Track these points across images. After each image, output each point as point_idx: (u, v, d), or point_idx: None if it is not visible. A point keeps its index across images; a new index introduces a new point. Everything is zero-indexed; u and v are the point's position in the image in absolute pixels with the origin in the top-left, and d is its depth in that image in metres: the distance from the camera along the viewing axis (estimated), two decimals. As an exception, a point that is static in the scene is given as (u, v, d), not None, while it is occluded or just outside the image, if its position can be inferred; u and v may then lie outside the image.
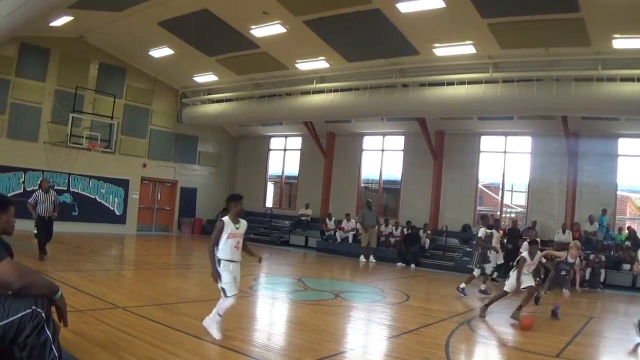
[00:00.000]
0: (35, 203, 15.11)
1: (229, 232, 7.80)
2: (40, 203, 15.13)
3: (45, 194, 15.32)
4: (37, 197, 15.19)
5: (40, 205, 15.14)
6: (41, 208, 15.13)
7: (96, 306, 9.06)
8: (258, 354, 7.15)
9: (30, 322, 3.89)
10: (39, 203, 15.12)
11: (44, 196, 15.23)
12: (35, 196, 15.26)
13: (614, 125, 20.85)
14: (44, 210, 15.19)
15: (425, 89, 20.61)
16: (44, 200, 15.18)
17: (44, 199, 15.20)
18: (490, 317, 11.36)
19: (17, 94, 22.98)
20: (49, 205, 15.31)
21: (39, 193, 15.31)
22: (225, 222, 7.84)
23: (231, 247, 7.84)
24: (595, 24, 15.61)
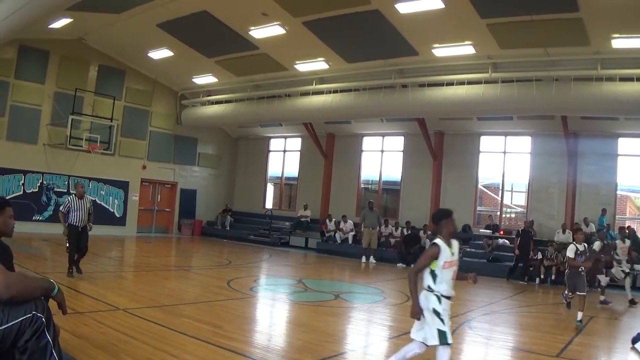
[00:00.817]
0: (68, 211, 13.00)
1: (445, 261, 5.96)
2: (73, 211, 12.98)
3: (80, 200, 13.11)
4: (70, 203, 13.04)
5: (73, 214, 12.96)
6: (74, 217, 12.95)
7: (96, 308, 9.07)
8: (258, 355, 7.15)
9: (30, 326, 3.88)
10: (72, 211, 12.97)
11: (77, 203, 13.04)
12: (67, 203, 13.14)
13: (614, 125, 20.85)
14: (78, 219, 12.96)
15: (424, 89, 20.60)
16: (77, 208, 13.02)
17: (77, 206, 13.02)
18: (490, 317, 11.36)
19: (17, 96, 22.97)
20: (83, 214, 13.08)
21: (72, 199, 13.12)
22: (440, 246, 5.91)
23: (448, 280, 6.08)
24: (594, 24, 15.62)
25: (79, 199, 13.13)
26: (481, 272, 19.32)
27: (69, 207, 12.99)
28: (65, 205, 13.08)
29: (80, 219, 13.01)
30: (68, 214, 12.98)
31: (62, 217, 13.06)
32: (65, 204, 13.16)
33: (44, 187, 24.06)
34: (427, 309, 6.00)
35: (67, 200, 13.26)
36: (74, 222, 12.94)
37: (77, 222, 12.97)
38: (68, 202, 13.09)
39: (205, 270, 17.61)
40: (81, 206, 13.08)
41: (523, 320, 11.94)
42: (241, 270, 17.90)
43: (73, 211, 12.98)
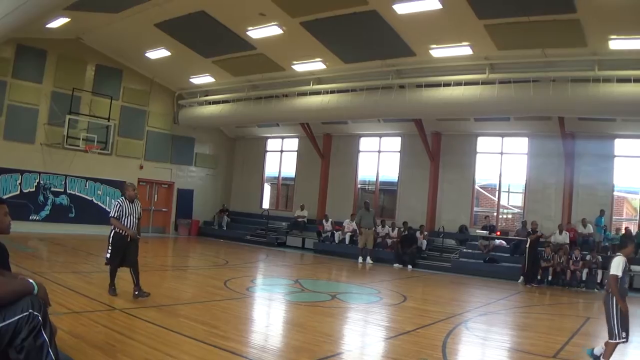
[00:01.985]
0: (120, 217, 11.03)
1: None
2: (124, 217, 11.03)
3: (131, 203, 11.24)
4: (122, 208, 11.05)
5: (125, 220, 11.04)
6: (125, 223, 11.05)
7: (93, 308, 9.06)
8: (255, 355, 7.15)
9: (27, 325, 3.88)
10: (124, 217, 11.02)
11: (128, 207, 11.14)
12: (118, 206, 11.07)
13: (611, 126, 20.88)
14: (129, 226, 11.11)
15: (421, 90, 20.59)
16: (129, 213, 11.11)
17: (129, 210, 11.13)
18: (487, 318, 11.38)
19: (14, 96, 22.94)
20: (134, 221, 11.28)
21: (123, 202, 11.15)
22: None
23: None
24: (591, 25, 15.65)
25: (130, 202, 11.24)
26: (478, 272, 19.43)
27: (121, 212, 10.98)
28: (117, 209, 11.01)
29: (130, 225, 11.11)
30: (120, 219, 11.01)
31: (118, 222, 10.97)
32: (115, 208, 11.06)
33: (41, 186, 24.01)
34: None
35: (117, 204, 11.13)
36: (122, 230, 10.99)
37: (127, 228, 11.03)
38: (119, 206, 11.04)
39: (202, 270, 17.61)
40: (132, 211, 11.20)
41: (519, 320, 11.96)
42: (238, 270, 17.89)
43: (125, 217, 11.01)
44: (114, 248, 10.90)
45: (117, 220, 10.96)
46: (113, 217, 11.05)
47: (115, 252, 10.87)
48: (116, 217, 10.97)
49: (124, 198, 11.26)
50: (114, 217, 11.01)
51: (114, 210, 11.09)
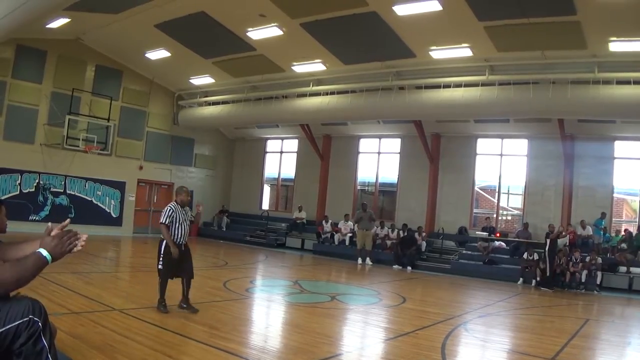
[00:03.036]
0: (171, 223, 9.89)
1: None
2: (176, 223, 9.90)
3: (182, 209, 10.13)
4: (173, 213, 9.91)
5: (175, 227, 9.90)
6: (176, 231, 9.90)
7: (92, 308, 9.06)
8: (254, 356, 7.14)
9: (26, 330, 3.86)
10: (176, 224, 9.91)
11: (181, 213, 10.02)
12: (170, 212, 9.90)
13: (610, 128, 20.89)
14: (181, 234, 9.95)
15: (421, 91, 20.59)
16: (182, 219, 9.98)
17: (181, 216, 9.99)
18: (486, 319, 11.38)
19: (14, 96, 22.91)
20: (187, 228, 10.16)
21: (175, 207, 10.02)
22: None
23: None
24: (591, 27, 15.65)
25: (182, 207, 10.15)
26: (477, 274, 19.44)
27: (172, 218, 9.86)
28: (168, 216, 9.84)
29: (182, 233, 10.00)
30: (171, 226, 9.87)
31: (167, 232, 9.78)
32: (167, 214, 9.86)
33: (41, 187, 23.98)
34: None
35: (169, 209, 9.94)
36: (176, 238, 9.86)
37: (180, 238, 9.94)
38: (171, 212, 9.90)
39: (201, 271, 17.54)
40: (185, 217, 10.09)
41: (519, 322, 11.96)
42: (237, 271, 17.89)
43: (176, 223, 9.89)
44: (166, 258, 9.71)
45: (167, 229, 9.77)
46: (164, 224, 9.80)
47: (167, 262, 9.69)
48: (167, 225, 9.78)
49: (176, 203, 10.11)
50: (165, 224, 9.78)
51: (165, 216, 9.83)
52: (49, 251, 3.95)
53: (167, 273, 9.73)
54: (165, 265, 9.68)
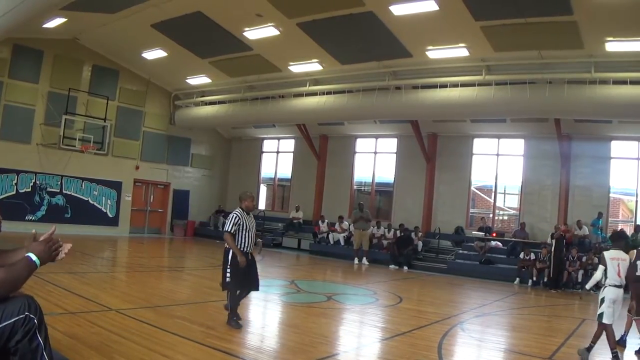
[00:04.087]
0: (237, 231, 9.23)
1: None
2: (243, 230, 9.26)
3: (248, 216, 9.49)
4: (240, 220, 9.25)
5: (242, 235, 9.24)
6: (242, 239, 9.25)
7: (89, 308, 9.05)
8: (251, 356, 7.15)
9: (22, 327, 3.86)
10: (242, 231, 9.25)
11: (247, 220, 9.36)
12: (236, 219, 9.23)
13: (607, 127, 20.91)
14: (247, 242, 9.30)
15: (418, 91, 20.60)
16: (248, 227, 9.34)
17: (248, 224, 9.34)
18: (483, 319, 11.38)
19: (10, 96, 22.87)
20: (252, 236, 9.47)
21: (241, 214, 9.33)
22: None
23: None
24: (588, 27, 15.66)
25: (247, 214, 9.52)
26: (473, 274, 19.44)
27: (239, 225, 9.22)
28: (234, 223, 9.19)
29: (249, 242, 9.35)
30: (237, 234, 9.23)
31: (233, 240, 9.15)
32: (233, 221, 9.21)
33: (37, 187, 23.96)
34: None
35: (235, 216, 9.26)
36: (242, 247, 9.21)
37: (246, 246, 9.29)
38: (237, 219, 9.23)
39: (197, 271, 17.59)
40: (251, 224, 9.44)
41: (515, 322, 11.97)
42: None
43: (243, 231, 9.25)
44: (234, 268, 9.02)
45: (233, 237, 9.14)
46: (229, 233, 9.16)
47: (235, 274, 9.02)
48: (233, 233, 9.15)
49: (242, 209, 9.43)
50: (230, 232, 9.15)
51: (230, 224, 9.18)
52: (37, 255, 3.99)
53: (236, 285, 9.09)
54: (233, 276, 9.00)
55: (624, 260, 8.42)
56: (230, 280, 8.98)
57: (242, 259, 8.93)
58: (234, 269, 8.96)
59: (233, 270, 8.97)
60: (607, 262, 8.40)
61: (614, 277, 8.32)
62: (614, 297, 8.26)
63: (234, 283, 9.00)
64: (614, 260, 8.39)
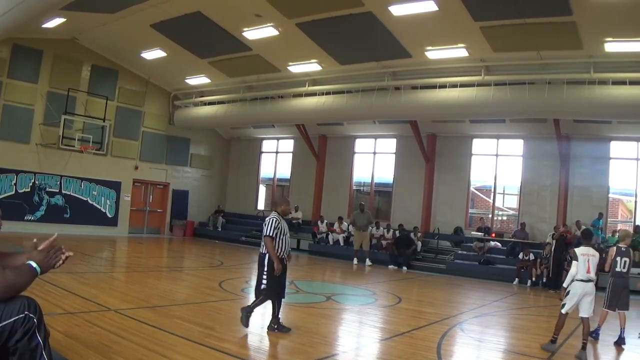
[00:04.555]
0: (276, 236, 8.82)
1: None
2: (281, 235, 8.87)
3: (283, 220, 9.16)
4: (280, 224, 8.93)
5: (281, 240, 8.92)
6: (282, 244, 8.91)
7: (88, 308, 9.04)
8: (250, 356, 7.18)
9: (21, 327, 3.87)
10: (280, 235, 8.89)
11: (284, 224, 9.09)
12: (276, 223, 8.87)
13: (606, 128, 20.93)
14: (284, 247, 8.95)
15: (417, 91, 20.61)
16: (285, 232, 9.03)
17: (285, 229, 9.08)
18: (482, 319, 11.38)
19: (9, 96, 22.88)
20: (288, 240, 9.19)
21: (279, 218, 9.03)
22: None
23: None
24: (587, 27, 15.67)
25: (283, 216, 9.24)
26: (473, 274, 19.44)
27: (278, 231, 8.87)
28: (275, 227, 8.81)
29: (286, 247, 9.03)
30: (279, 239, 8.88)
31: (272, 246, 8.74)
32: (272, 225, 8.83)
33: (36, 187, 23.97)
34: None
35: (274, 220, 8.88)
36: (280, 252, 8.86)
37: (283, 251, 8.95)
38: (277, 223, 8.89)
39: (196, 271, 17.59)
40: (287, 229, 9.17)
41: (514, 322, 11.97)
42: (233, 271, 17.90)
43: (281, 235, 8.91)
44: (271, 275, 8.71)
45: (272, 242, 8.74)
46: (269, 237, 8.75)
47: (273, 280, 8.74)
48: (272, 237, 8.76)
49: (277, 213, 9.11)
50: (271, 236, 8.75)
51: (270, 228, 8.79)
52: (37, 263, 4.08)
53: (272, 293, 8.79)
54: (269, 283, 8.71)
55: (593, 256, 8.89)
56: (266, 287, 8.71)
57: (279, 265, 8.62)
58: (272, 275, 8.68)
59: (270, 277, 8.69)
60: (578, 258, 8.85)
61: (582, 272, 8.78)
62: (581, 291, 8.73)
63: (270, 291, 8.74)
64: (584, 257, 8.87)
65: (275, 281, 8.67)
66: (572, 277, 8.91)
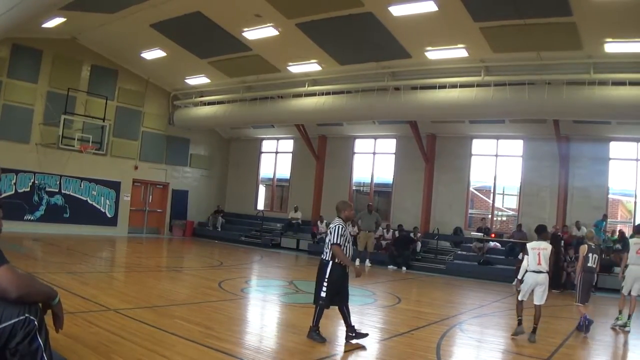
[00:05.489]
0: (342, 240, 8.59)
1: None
2: (345, 242, 8.65)
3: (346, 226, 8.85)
4: (345, 232, 8.68)
5: (345, 247, 8.65)
6: (346, 250, 8.72)
7: (87, 308, 9.03)
8: (249, 356, 7.15)
9: (22, 329, 3.86)
10: (344, 242, 8.62)
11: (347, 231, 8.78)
12: (342, 230, 8.62)
13: (606, 129, 20.93)
14: (348, 254, 8.81)
15: (417, 92, 20.62)
16: (349, 238, 8.78)
17: (349, 235, 8.81)
18: (481, 320, 11.38)
19: (9, 96, 22.88)
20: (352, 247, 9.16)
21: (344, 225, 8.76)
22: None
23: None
24: (587, 28, 15.68)
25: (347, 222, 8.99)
26: (472, 275, 19.44)
27: (345, 238, 8.61)
28: (341, 235, 8.54)
29: (349, 254, 8.87)
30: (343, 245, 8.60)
31: (343, 253, 8.57)
32: (339, 233, 8.55)
33: (36, 186, 23.97)
34: None
35: (340, 228, 8.62)
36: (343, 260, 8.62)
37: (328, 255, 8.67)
38: (343, 230, 8.63)
39: (196, 271, 17.58)
40: (350, 235, 8.90)
41: (514, 323, 11.94)
42: (232, 271, 17.89)
43: (345, 242, 8.64)
44: (331, 284, 8.55)
45: (341, 249, 8.51)
46: (336, 245, 8.50)
47: (332, 289, 8.55)
48: (339, 245, 8.51)
49: (342, 219, 8.82)
50: (338, 244, 8.50)
51: (337, 235, 8.52)
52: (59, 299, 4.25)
53: (330, 300, 8.59)
54: (329, 292, 8.52)
55: (544, 250, 9.82)
56: (326, 296, 8.51)
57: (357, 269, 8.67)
58: (332, 284, 8.53)
59: (330, 286, 8.52)
60: (529, 252, 9.91)
61: (533, 264, 9.77)
62: (532, 281, 9.75)
63: (328, 298, 8.55)
64: (535, 250, 9.86)
65: (334, 289, 8.53)
66: (524, 269, 9.87)
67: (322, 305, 8.51)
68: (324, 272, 8.57)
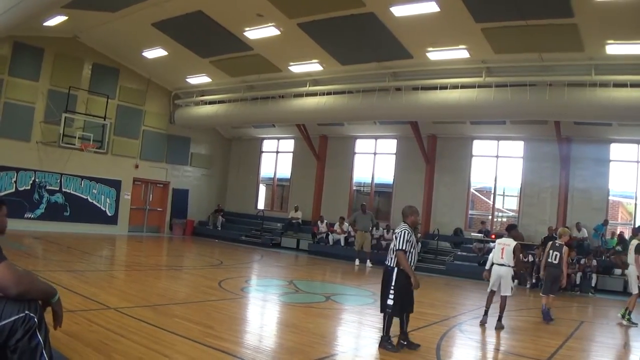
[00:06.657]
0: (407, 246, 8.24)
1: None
2: (411, 248, 8.31)
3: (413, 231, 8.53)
4: (412, 238, 8.37)
5: (411, 253, 8.33)
6: (412, 257, 8.38)
7: (87, 307, 9.04)
8: (249, 356, 7.14)
9: (22, 326, 3.87)
10: (410, 249, 8.29)
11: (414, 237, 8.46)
12: (408, 236, 8.27)
13: (607, 130, 20.93)
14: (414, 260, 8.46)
15: (418, 92, 20.62)
16: (414, 244, 8.42)
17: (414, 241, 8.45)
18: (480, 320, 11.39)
19: (10, 94, 22.88)
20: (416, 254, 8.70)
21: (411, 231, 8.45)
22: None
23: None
24: (589, 30, 15.67)
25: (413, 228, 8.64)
26: (472, 275, 19.43)
27: (411, 244, 8.30)
28: (408, 240, 8.23)
29: (415, 260, 8.52)
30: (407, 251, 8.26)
31: (406, 260, 8.21)
32: (405, 239, 8.23)
33: (37, 184, 23.98)
34: None
35: (406, 233, 8.28)
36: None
37: (412, 265, 8.37)
38: (410, 235, 8.31)
39: (196, 270, 17.58)
40: (415, 241, 8.53)
41: (513, 324, 11.95)
42: (232, 270, 17.88)
43: (411, 248, 8.31)
44: (399, 292, 8.21)
45: (405, 255, 8.18)
46: (401, 251, 8.18)
47: (400, 297, 8.20)
48: (405, 251, 8.18)
49: (408, 225, 8.50)
50: (403, 250, 8.19)
51: (402, 241, 8.21)
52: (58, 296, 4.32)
53: (397, 310, 8.24)
54: (396, 301, 8.17)
55: (508, 246, 10.95)
56: (394, 304, 8.17)
57: (416, 280, 8.22)
58: (400, 291, 8.19)
59: (398, 293, 8.18)
60: (495, 246, 11.36)
61: (497, 258, 10.97)
62: (496, 273, 10.89)
63: (397, 307, 8.21)
64: (499, 245, 11.15)
65: (402, 297, 8.21)
66: (490, 262, 11.16)
67: (390, 314, 8.26)
68: (390, 279, 8.27)
